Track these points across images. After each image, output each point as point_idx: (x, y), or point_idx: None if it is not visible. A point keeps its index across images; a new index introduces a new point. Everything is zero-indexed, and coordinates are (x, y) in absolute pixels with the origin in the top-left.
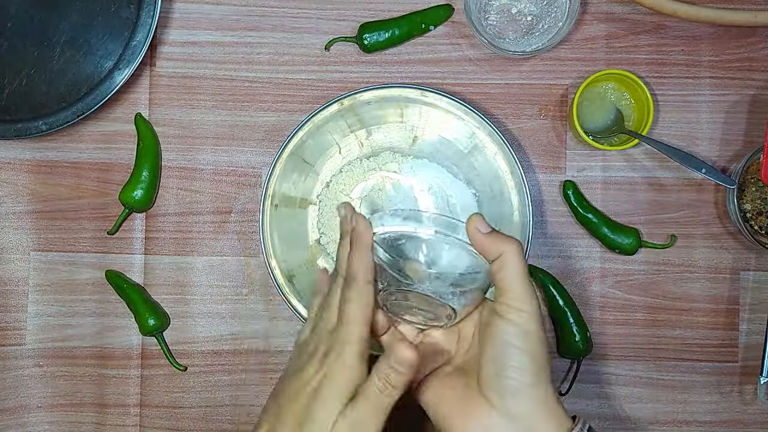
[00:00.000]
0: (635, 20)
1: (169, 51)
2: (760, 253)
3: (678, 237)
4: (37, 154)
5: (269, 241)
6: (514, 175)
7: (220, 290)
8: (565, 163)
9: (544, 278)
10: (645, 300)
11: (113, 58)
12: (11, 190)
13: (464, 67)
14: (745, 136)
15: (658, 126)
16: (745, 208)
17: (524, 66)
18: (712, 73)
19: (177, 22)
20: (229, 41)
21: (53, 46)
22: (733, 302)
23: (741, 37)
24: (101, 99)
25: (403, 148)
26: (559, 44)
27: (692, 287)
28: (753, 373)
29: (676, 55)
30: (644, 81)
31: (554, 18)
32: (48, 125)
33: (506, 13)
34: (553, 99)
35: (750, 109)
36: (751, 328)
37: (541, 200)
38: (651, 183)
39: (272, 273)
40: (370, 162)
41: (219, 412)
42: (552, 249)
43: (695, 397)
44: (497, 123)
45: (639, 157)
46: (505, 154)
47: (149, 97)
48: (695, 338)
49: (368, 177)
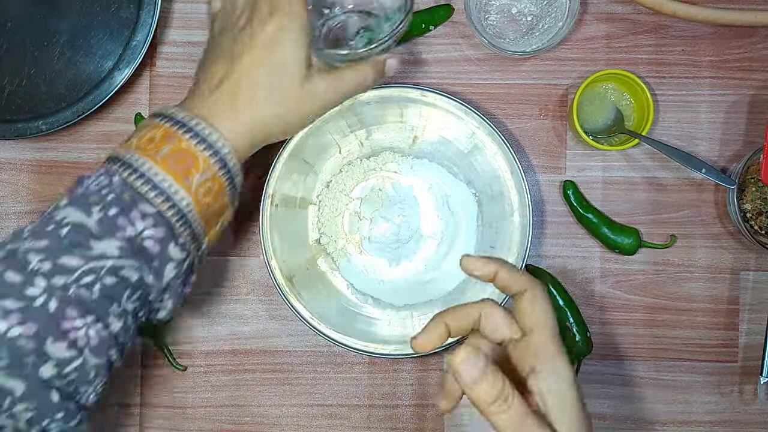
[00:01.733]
0: (635, 20)
1: (169, 51)
2: (760, 253)
3: (678, 237)
4: (37, 154)
5: (269, 241)
6: (514, 175)
7: (220, 290)
8: (565, 163)
9: (544, 278)
10: (645, 300)
11: (113, 58)
12: (11, 190)
13: (464, 67)
14: (745, 136)
15: (658, 126)
16: (745, 208)
17: (524, 66)
18: (712, 73)
19: (177, 22)
20: None
21: (53, 46)
22: (733, 302)
23: (741, 37)
24: (101, 99)
25: (403, 148)
26: (559, 44)
27: (692, 287)
28: (753, 373)
29: (676, 55)
30: (644, 81)
31: (554, 18)
32: (48, 125)
33: (506, 13)
34: (553, 99)
35: (750, 109)
36: (751, 328)
37: (541, 200)
38: (651, 183)
39: (272, 273)
40: (370, 162)
41: (219, 412)
42: (552, 249)
43: (695, 397)
44: (497, 123)
45: (639, 157)
46: (505, 154)
47: (149, 97)
48: (695, 338)
49: (368, 177)
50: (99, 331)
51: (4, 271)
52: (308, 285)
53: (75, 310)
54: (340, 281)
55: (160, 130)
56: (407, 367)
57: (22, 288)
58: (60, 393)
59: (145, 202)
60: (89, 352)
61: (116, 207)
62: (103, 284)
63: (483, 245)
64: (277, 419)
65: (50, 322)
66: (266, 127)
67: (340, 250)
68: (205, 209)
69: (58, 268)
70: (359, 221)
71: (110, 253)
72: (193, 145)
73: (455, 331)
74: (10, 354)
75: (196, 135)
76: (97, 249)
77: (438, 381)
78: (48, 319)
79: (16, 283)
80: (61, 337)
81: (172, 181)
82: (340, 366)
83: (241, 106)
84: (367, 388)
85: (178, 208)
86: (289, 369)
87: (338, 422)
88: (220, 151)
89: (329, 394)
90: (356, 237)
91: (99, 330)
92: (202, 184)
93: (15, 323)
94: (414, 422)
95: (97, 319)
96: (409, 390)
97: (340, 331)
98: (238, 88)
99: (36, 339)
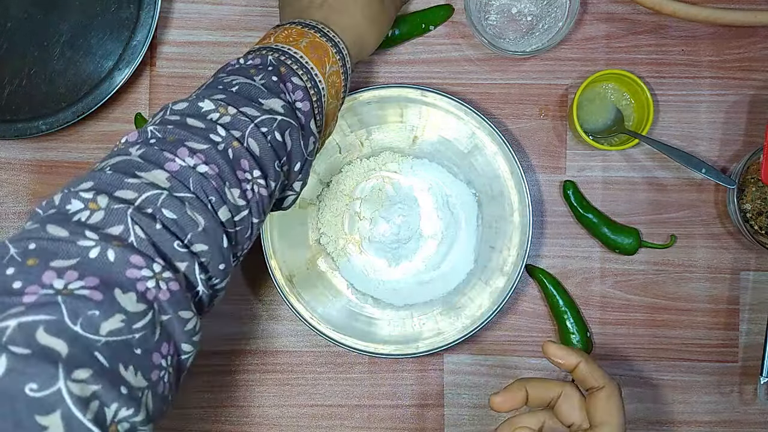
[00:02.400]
0: (635, 20)
1: (169, 51)
2: (760, 253)
3: (678, 237)
4: (37, 154)
5: (269, 241)
6: (514, 175)
7: None
8: (565, 163)
9: (544, 278)
10: (645, 300)
11: (113, 58)
12: (11, 190)
13: (464, 67)
14: (745, 136)
15: (658, 126)
16: (745, 208)
17: (524, 66)
18: (712, 73)
19: (177, 22)
20: (229, 41)
21: (53, 46)
22: (733, 302)
23: (741, 37)
24: (101, 99)
25: (403, 148)
26: (559, 44)
27: (692, 287)
28: (753, 373)
29: (676, 55)
30: (644, 81)
31: (554, 18)
32: (48, 125)
33: (506, 13)
34: (553, 99)
35: (750, 109)
36: (751, 328)
37: (541, 200)
38: (651, 183)
39: (272, 273)
40: (370, 162)
41: (219, 412)
42: (552, 249)
43: (695, 397)
44: (497, 123)
45: (639, 157)
46: (505, 154)
47: (149, 97)
48: (695, 338)
49: (368, 177)
50: (261, 189)
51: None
52: (308, 285)
53: (249, 161)
54: (340, 281)
55: (294, 29)
56: (407, 367)
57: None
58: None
59: (297, 77)
60: (253, 206)
61: (275, 75)
62: (274, 137)
63: (483, 245)
64: (277, 419)
65: (229, 167)
66: (363, 37)
67: (340, 250)
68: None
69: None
70: (359, 221)
71: (277, 110)
72: (324, 41)
73: (532, 400)
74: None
75: (324, 35)
76: (266, 105)
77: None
78: (228, 163)
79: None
80: (236, 185)
81: (314, 65)
82: (340, 366)
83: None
84: (367, 388)
85: (317, 89)
86: (289, 369)
87: (338, 422)
88: (342, 50)
89: (329, 394)
90: (356, 237)
91: (261, 188)
92: (331, 74)
93: (200, 162)
94: (414, 422)
95: (264, 176)
96: (409, 390)
97: (340, 331)
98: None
99: (218, 179)
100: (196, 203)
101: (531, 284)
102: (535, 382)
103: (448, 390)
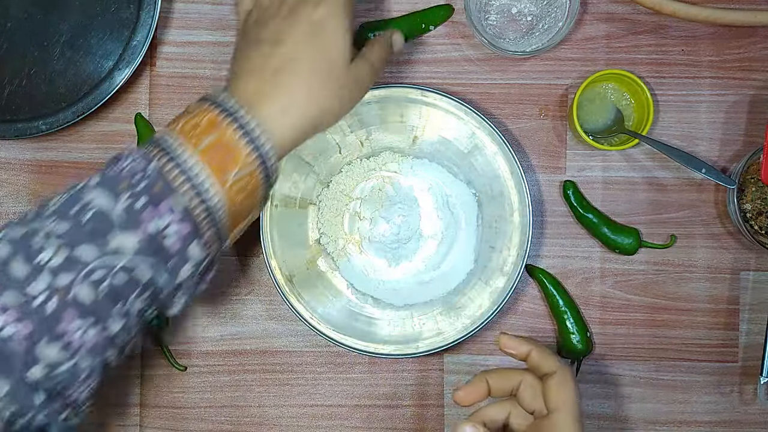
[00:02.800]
0: (635, 20)
1: (169, 51)
2: (760, 253)
3: (678, 237)
4: (37, 154)
5: (269, 241)
6: (514, 175)
7: (220, 290)
8: (565, 163)
9: (544, 278)
10: (645, 300)
11: (113, 58)
12: (11, 190)
13: (464, 67)
14: (745, 136)
15: (658, 126)
16: (745, 208)
17: (524, 66)
18: (712, 73)
19: (177, 22)
20: (229, 41)
21: (53, 46)
22: (733, 302)
23: (741, 37)
24: (101, 99)
25: (403, 148)
26: (559, 44)
27: (692, 287)
28: (753, 373)
29: (676, 55)
30: (644, 81)
31: (554, 18)
32: (48, 125)
33: (506, 13)
34: (553, 99)
35: (750, 109)
36: (751, 328)
37: (541, 200)
38: (651, 183)
39: (272, 273)
40: (370, 162)
41: (219, 413)
42: (552, 249)
43: (695, 397)
44: (497, 123)
45: (639, 157)
46: (505, 154)
47: (149, 97)
48: (695, 338)
49: (368, 177)
50: (97, 333)
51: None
52: (308, 285)
53: (75, 311)
54: (340, 281)
55: (207, 116)
56: (407, 367)
57: (25, 283)
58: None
59: (176, 196)
60: (84, 354)
61: (145, 197)
62: (111, 283)
63: (483, 245)
64: (277, 420)
65: (47, 323)
66: (317, 117)
67: (340, 250)
68: (236, 207)
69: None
70: (359, 221)
71: (127, 248)
72: (237, 138)
73: (495, 391)
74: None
75: (241, 127)
76: (114, 242)
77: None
78: (45, 320)
79: (20, 277)
80: (55, 339)
81: (208, 175)
82: (340, 366)
83: (295, 93)
84: (367, 388)
85: (207, 206)
86: (289, 369)
87: (338, 422)
88: (261, 147)
89: (329, 394)
90: (356, 237)
91: (97, 332)
92: (237, 181)
93: (11, 321)
94: (414, 422)
95: (97, 321)
96: (409, 390)
97: (340, 331)
98: (293, 75)
99: (29, 340)
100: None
101: (531, 284)
102: (495, 373)
103: (448, 390)
